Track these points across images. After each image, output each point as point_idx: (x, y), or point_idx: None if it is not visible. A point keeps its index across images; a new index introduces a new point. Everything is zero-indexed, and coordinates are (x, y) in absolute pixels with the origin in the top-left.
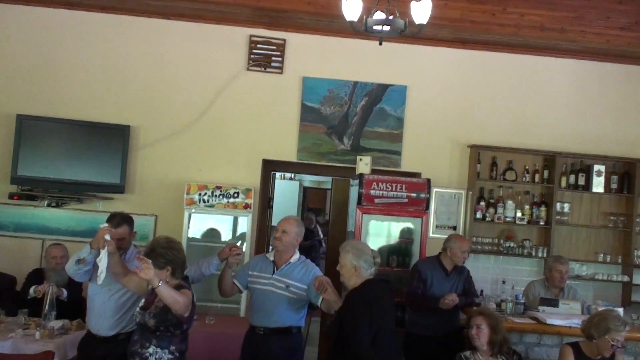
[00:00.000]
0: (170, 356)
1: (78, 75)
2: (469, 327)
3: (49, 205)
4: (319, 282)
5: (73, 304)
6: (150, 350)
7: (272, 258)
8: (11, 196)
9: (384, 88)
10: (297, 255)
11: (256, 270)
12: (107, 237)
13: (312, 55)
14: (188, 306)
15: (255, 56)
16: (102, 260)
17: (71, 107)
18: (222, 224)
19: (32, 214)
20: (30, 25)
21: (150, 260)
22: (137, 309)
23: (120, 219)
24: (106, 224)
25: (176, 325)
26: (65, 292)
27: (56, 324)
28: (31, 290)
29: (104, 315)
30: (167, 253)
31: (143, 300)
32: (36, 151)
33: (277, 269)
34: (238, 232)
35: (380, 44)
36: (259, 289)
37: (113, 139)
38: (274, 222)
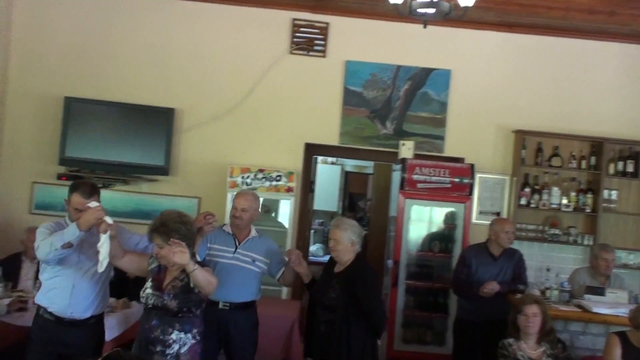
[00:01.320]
0: (193, 341)
1: (124, 59)
2: (518, 315)
3: None
4: (295, 255)
5: (119, 284)
6: (174, 336)
7: (230, 232)
8: (59, 177)
9: (427, 72)
10: (253, 229)
11: (216, 244)
12: (109, 220)
13: (355, 39)
14: (216, 284)
15: (298, 39)
16: (104, 246)
17: (117, 89)
18: (264, 207)
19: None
20: (77, 9)
21: (184, 243)
22: (149, 291)
23: (91, 189)
24: (97, 204)
25: (197, 304)
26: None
27: None
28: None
29: (78, 296)
30: (181, 228)
31: (150, 281)
32: (83, 133)
33: (239, 243)
34: (279, 216)
35: (425, 27)
36: (222, 262)
37: (158, 121)
38: (316, 206)
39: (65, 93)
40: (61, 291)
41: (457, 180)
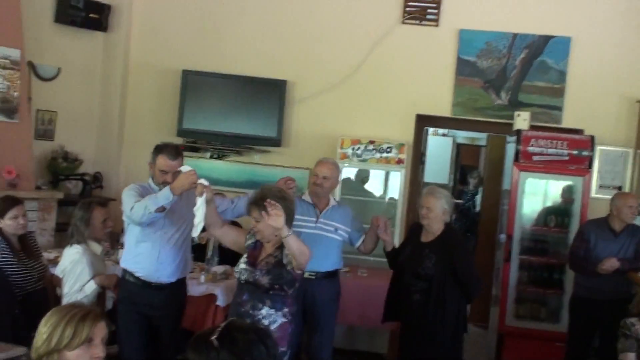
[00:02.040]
0: (284, 319)
1: (238, 31)
2: None
3: (211, 157)
4: (383, 222)
5: (233, 251)
6: (264, 312)
7: (310, 201)
8: None
9: (545, 40)
10: (332, 198)
11: (297, 214)
12: (204, 182)
13: (469, 7)
14: (310, 258)
15: (411, 9)
16: (200, 210)
17: (232, 62)
18: (374, 179)
19: (195, 165)
20: None
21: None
22: (243, 266)
23: (176, 150)
24: (190, 168)
25: (290, 283)
26: None
27: (218, 269)
28: (196, 237)
29: (164, 261)
30: (280, 203)
31: (245, 257)
32: (199, 105)
33: (320, 213)
34: (389, 188)
35: None
36: (305, 232)
37: (270, 93)
38: (426, 179)
39: (183, 66)
40: (148, 257)
41: (575, 152)
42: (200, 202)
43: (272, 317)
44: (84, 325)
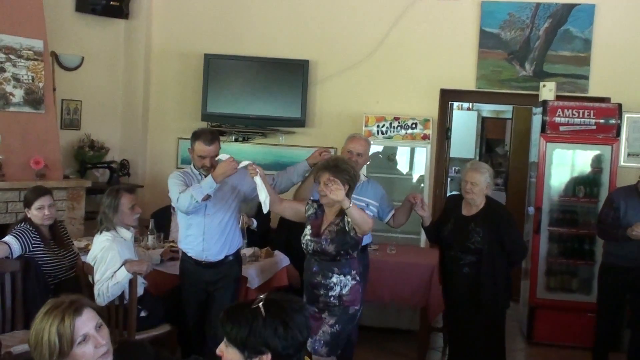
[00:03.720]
0: (354, 281)
1: (258, 13)
2: None
3: (236, 140)
4: (420, 199)
5: (262, 233)
6: (334, 279)
7: None
8: None
9: (569, 8)
10: (361, 174)
11: None
12: (249, 163)
13: None
14: (372, 226)
15: None
16: (262, 188)
17: (253, 44)
18: (400, 156)
19: (221, 148)
20: None
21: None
22: (308, 237)
23: (212, 135)
24: (227, 156)
25: (354, 246)
26: (255, 222)
27: (247, 251)
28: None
29: (209, 241)
30: (350, 170)
31: (308, 227)
32: (223, 88)
33: None
34: (415, 164)
35: None
36: None
37: (293, 74)
38: (452, 154)
39: (205, 50)
40: (195, 238)
41: (602, 121)
42: (258, 181)
43: (342, 282)
44: (64, 326)
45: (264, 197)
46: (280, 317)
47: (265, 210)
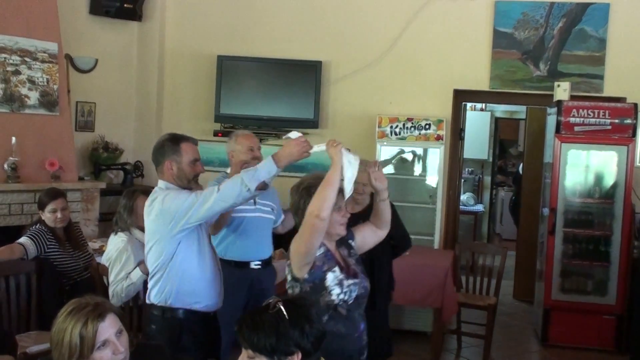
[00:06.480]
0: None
1: (271, 15)
2: None
3: None
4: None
5: (276, 235)
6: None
7: None
8: (215, 133)
9: (583, 7)
10: None
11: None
12: (319, 147)
13: None
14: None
15: None
16: (347, 169)
17: (266, 45)
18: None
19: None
20: None
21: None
22: (349, 282)
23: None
24: (299, 134)
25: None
26: None
27: None
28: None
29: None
30: None
31: (337, 271)
32: (236, 90)
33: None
34: (428, 164)
35: None
36: (247, 217)
37: (306, 75)
38: (466, 155)
39: (218, 52)
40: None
41: (618, 121)
42: (345, 161)
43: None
44: (86, 330)
45: (345, 183)
46: (304, 315)
47: (346, 195)
